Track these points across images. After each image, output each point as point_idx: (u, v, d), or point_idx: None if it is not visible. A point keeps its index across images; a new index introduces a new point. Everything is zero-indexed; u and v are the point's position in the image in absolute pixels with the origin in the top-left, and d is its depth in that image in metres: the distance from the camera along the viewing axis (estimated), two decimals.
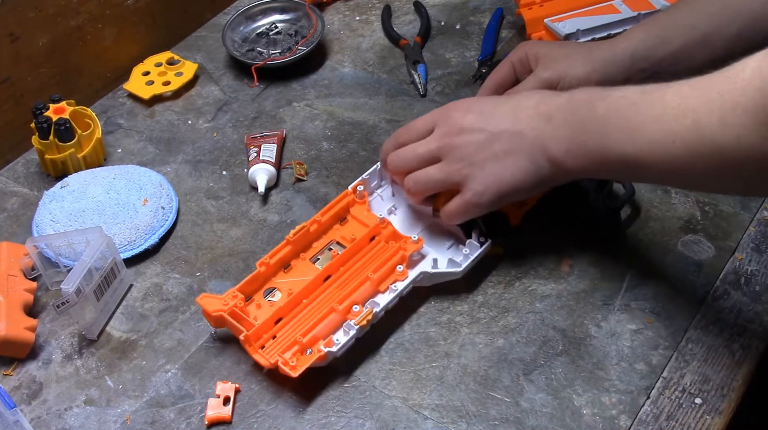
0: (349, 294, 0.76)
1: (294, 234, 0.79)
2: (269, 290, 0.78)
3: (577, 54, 0.84)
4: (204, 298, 0.75)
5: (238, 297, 0.75)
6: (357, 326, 0.73)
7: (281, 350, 0.72)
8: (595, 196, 0.83)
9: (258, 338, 0.73)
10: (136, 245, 0.85)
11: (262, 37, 1.10)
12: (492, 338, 0.76)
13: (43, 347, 0.79)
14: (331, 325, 0.75)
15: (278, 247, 0.79)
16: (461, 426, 0.70)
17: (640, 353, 0.74)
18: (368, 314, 0.74)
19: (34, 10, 0.94)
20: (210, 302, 0.75)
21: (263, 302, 0.77)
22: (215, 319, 0.74)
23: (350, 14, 1.15)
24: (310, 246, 0.81)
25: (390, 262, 0.78)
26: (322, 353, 0.71)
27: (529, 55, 0.86)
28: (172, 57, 1.08)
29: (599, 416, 0.70)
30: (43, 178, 0.95)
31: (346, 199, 0.83)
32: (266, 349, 0.73)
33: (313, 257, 0.81)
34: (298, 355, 0.72)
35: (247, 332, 0.72)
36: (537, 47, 0.87)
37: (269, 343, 0.73)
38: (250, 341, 0.73)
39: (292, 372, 0.70)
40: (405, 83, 1.03)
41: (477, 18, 1.12)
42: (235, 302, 0.74)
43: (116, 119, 1.02)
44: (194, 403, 0.73)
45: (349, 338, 0.73)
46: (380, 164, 0.84)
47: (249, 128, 0.99)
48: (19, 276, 0.81)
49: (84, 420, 0.73)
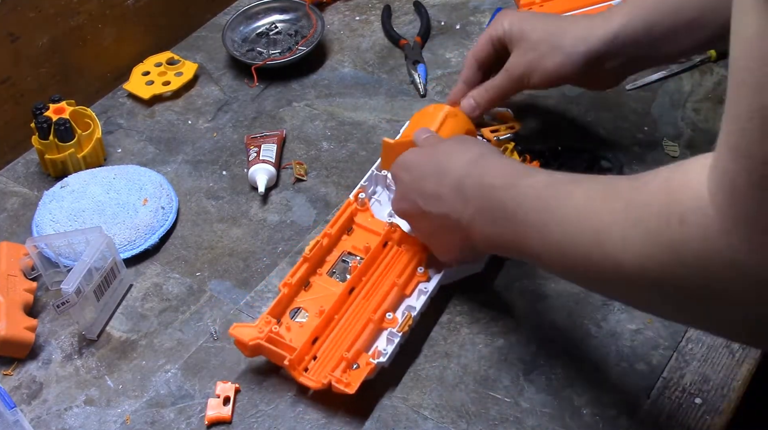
0: (380, 302, 0.75)
1: (310, 250, 0.78)
2: (294, 310, 0.77)
3: (544, 44, 0.80)
4: (236, 328, 0.72)
5: (272, 322, 0.73)
6: (400, 333, 0.72)
7: (329, 368, 0.71)
8: None
9: (301, 360, 0.71)
10: (136, 245, 0.85)
11: (262, 37, 1.10)
12: (492, 338, 0.76)
13: (43, 347, 0.79)
14: (370, 335, 0.73)
15: (296, 266, 0.78)
16: (461, 426, 0.70)
17: (640, 353, 0.74)
18: (408, 319, 0.73)
19: (34, 10, 0.94)
20: (244, 331, 0.72)
21: (292, 323, 0.75)
22: (252, 348, 0.72)
23: (350, 14, 1.15)
24: (323, 261, 0.80)
25: (411, 265, 0.77)
26: (372, 365, 0.70)
27: (505, 35, 0.83)
28: (172, 57, 1.07)
29: (599, 416, 0.70)
30: (43, 178, 0.95)
31: (350, 209, 0.82)
32: (310, 371, 0.71)
33: (329, 271, 0.80)
34: (348, 371, 0.71)
35: (291, 356, 0.70)
36: (513, 24, 0.82)
37: (311, 364, 0.72)
38: (295, 365, 0.70)
39: (348, 389, 0.69)
40: (405, 83, 1.03)
41: (477, 18, 1.12)
42: (270, 327, 0.72)
43: (116, 119, 1.02)
44: (194, 403, 0.73)
45: (395, 346, 0.72)
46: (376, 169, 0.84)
47: (249, 128, 0.99)
48: (19, 276, 0.81)
49: (84, 420, 0.73)
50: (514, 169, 0.67)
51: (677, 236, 0.48)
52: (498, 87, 0.84)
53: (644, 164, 0.89)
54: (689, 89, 0.98)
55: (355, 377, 0.70)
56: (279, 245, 0.86)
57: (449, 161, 0.71)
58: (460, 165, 0.70)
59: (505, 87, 0.84)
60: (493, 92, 0.84)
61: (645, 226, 0.51)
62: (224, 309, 0.80)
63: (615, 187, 0.56)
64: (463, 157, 0.71)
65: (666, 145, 0.91)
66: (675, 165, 0.51)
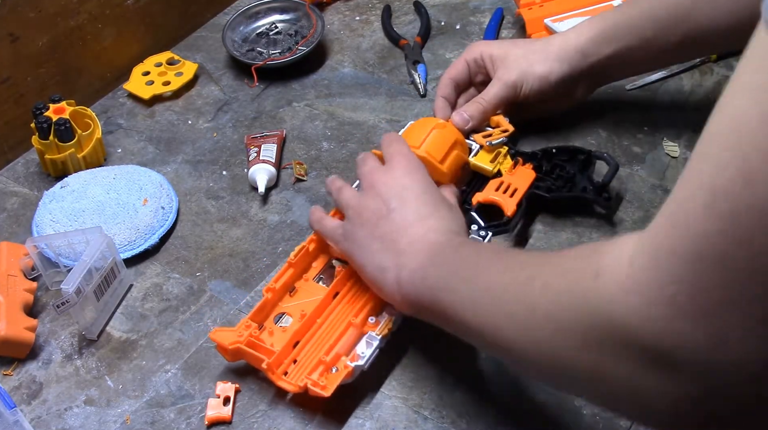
0: (363, 306, 0.74)
1: (295, 256, 0.78)
2: (278, 316, 0.76)
3: (533, 54, 0.86)
4: (216, 332, 0.73)
5: (252, 326, 0.73)
6: (379, 336, 0.72)
7: (307, 372, 0.70)
8: (580, 177, 0.84)
9: (279, 364, 0.71)
10: (136, 245, 0.85)
11: (262, 37, 1.10)
12: None
13: (43, 347, 0.79)
14: (351, 339, 0.73)
15: (281, 271, 0.78)
16: (461, 426, 0.70)
17: None
18: (388, 322, 0.73)
19: (34, 10, 0.94)
20: (224, 335, 0.72)
21: (275, 328, 0.75)
22: (232, 352, 0.72)
23: (350, 14, 1.15)
24: (310, 266, 0.80)
25: None
26: (350, 369, 0.70)
27: (483, 56, 0.88)
28: (172, 57, 1.07)
29: (599, 416, 0.70)
30: (43, 178, 0.95)
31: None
32: (290, 374, 0.71)
33: (316, 277, 0.79)
34: (326, 374, 0.70)
35: (269, 359, 0.70)
36: (490, 48, 0.88)
37: (291, 368, 0.72)
38: (273, 369, 0.70)
39: (323, 392, 0.68)
40: (405, 83, 1.03)
41: (477, 18, 1.12)
42: (249, 331, 0.72)
43: (116, 119, 1.02)
44: (194, 403, 0.73)
45: (373, 349, 0.72)
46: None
47: (249, 128, 0.99)
48: (19, 276, 0.81)
49: (84, 420, 0.73)
50: (462, 237, 0.70)
51: (591, 287, 0.48)
52: (491, 96, 0.86)
53: (644, 164, 0.89)
54: (689, 89, 0.98)
55: (332, 381, 0.69)
56: (279, 245, 0.86)
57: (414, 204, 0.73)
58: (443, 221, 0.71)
59: (500, 95, 0.86)
60: (486, 103, 0.87)
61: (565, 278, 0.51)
62: (224, 309, 0.80)
63: (542, 254, 0.60)
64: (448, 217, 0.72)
65: (666, 145, 0.91)
66: (636, 236, 0.47)
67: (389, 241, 0.70)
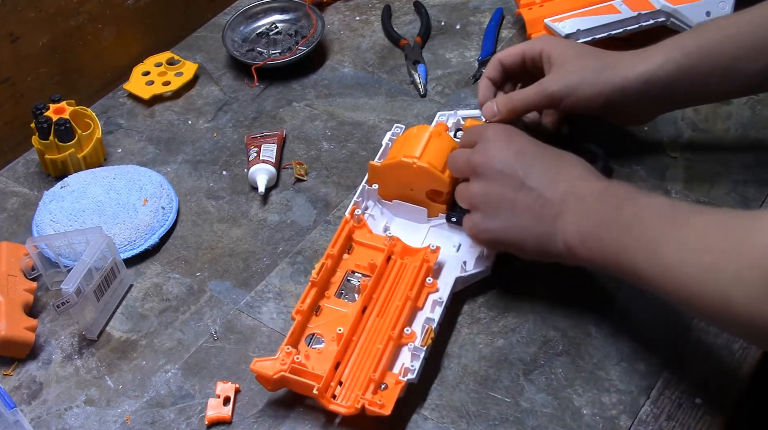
0: (396, 318, 0.74)
1: (317, 274, 0.76)
2: (309, 337, 0.75)
3: (588, 72, 0.80)
4: (257, 363, 0.70)
5: (293, 353, 0.71)
6: (424, 347, 0.72)
7: (359, 392, 0.69)
8: None
9: (327, 387, 0.70)
10: (136, 245, 0.85)
11: (262, 37, 1.10)
12: (492, 338, 0.76)
13: (43, 347, 0.79)
14: (392, 353, 0.72)
15: (305, 292, 0.76)
16: (461, 426, 0.70)
17: (640, 353, 0.74)
18: (429, 332, 0.72)
19: (34, 10, 0.94)
20: (266, 366, 0.70)
21: (310, 351, 0.73)
22: (275, 382, 0.70)
23: (350, 14, 1.15)
24: (329, 283, 0.79)
25: (419, 276, 0.77)
26: (403, 383, 0.69)
27: (543, 54, 0.82)
28: (172, 57, 1.08)
29: (599, 416, 0.70)
30: (43, 178, 0.95)
31: (347, 226, 0.81)
32: (338, 396, 0.70)
33: (336, 292, 0.78)
34: (378, 392, 0.70)
35: (319, 385, 0.68)
36: (552, 46, 0.82)
37: (338, 390, 0.70)
38: (323, 393, 0.69)
39: (383, 411, 0.67)
40: (405, 83, 1.03)
41: (477, 18, 1.12)
42: (291, 358, 0.70)
43: (116, 119, 1.02)
44: (194, 403, 0.73)
45: (420, 361, 0.71)
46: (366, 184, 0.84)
47: (249, 128, 0.99)
48: (19, 276, 0.81)
49: (84, 420, 0.73)
50: (632, 187, 0.68)
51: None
52: (525, 97, 0.81)
53: (644, 164, 0.89)
54: None
55: (388, 398, 0.69)
56: (279, 245, 0.86)
57: (564, 161, 0.72)
58: (577, 170, 0.71)
59: (533, 100, 0.81)
60: (519, 103, 0.81)
61: (759, 270, 0.53)
62: (224, 309, 0.80)
63: (734, 224, 0.58)
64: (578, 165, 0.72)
65: (666, 145, 0.91)
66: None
67: (538, 207, 0.69)
